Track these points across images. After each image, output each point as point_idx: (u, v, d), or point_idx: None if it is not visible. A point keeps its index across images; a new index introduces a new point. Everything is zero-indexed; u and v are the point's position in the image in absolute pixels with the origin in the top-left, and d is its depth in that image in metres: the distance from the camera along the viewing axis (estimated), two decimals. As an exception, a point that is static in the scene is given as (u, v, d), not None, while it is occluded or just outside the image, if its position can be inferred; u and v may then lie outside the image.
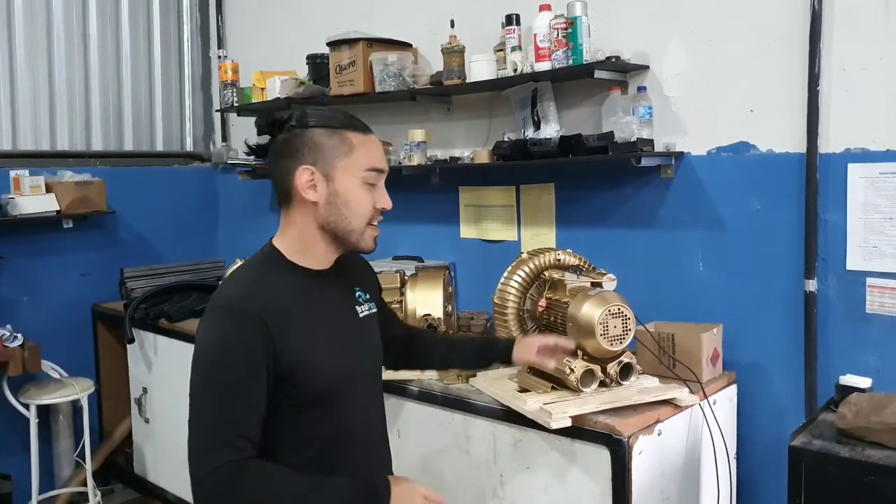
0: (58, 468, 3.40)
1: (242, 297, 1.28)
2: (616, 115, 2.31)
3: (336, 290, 1.41)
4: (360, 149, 1.32)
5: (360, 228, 1.34)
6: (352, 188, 1.32)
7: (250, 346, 1.23)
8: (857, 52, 1.99)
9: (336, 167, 1.31)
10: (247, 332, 1.23)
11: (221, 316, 1.27)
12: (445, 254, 3.01)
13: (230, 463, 1.17)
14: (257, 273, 1.34)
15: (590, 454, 1.80)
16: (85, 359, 3.52)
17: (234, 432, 1.20)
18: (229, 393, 1.21)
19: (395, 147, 2.96)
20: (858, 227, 2.01)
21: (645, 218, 2.43)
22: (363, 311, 1.46)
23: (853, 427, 1.50)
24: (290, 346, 1.26)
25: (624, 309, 1.84)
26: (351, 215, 1.33)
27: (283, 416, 1.29)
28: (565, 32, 2.29)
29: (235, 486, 1.17)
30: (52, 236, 3.39)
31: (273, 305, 1.27)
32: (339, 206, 1.32)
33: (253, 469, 1.20)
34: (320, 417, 1.32)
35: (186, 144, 4.01)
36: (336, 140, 1.31)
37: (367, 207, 1.34)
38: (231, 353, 1.23)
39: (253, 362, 1.23)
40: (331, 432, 1.33)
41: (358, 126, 1.35)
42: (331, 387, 1.32)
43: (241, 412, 1.21)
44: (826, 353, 2.08)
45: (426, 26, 2.92)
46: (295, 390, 1.28)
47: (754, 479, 2.24)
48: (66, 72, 3.50)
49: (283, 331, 1.26)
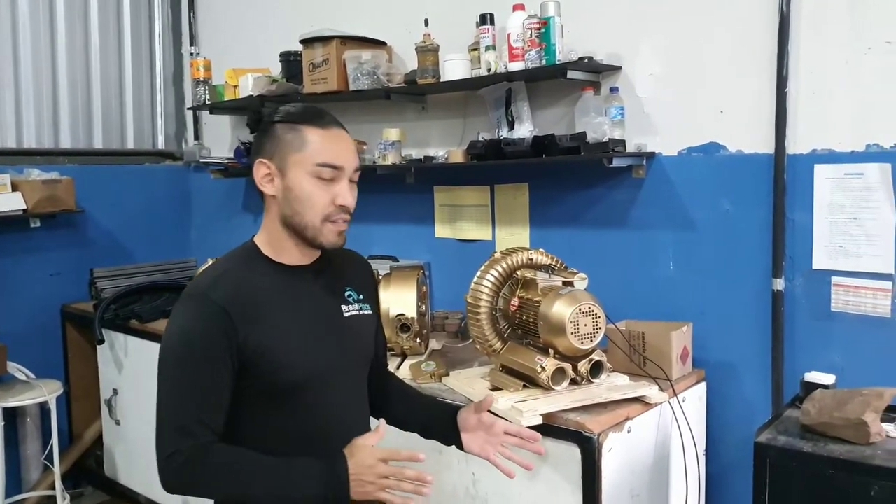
0: (25, 472, 3.34)
1: (208, 287, 1.29)
2: (589, 116, 2.33)
3: (318, 286, 1.39)
4: (315, 143, 1.30)
5: (315, 224, 1.31)
6: (303, 182, 1.30)
7: (210, 334, 1.24)
8: (824, 55, 2.03)
9: (289, 161, 1.31)
10: (207, 320, 1.25)
11: (185, 305, 1.29)
12: (420, 253, 3.01)
13: (189, 448, 1.20)
14: (231, 265, 1.35)
15: (561, 452, 1.81)
16: (53, 360, 3.47)
17: (193, 418, 1.22)
18: (188, 381, 1.24)
19: (369, 146, 2.95)
20: (824, 227, 2.04)
21: (617, 218, 2.46)
22: (350, 311, 1.42)
23: (816, 423, 1.53)
24: (256, 337, 1.27)
25: (594, 308, 1.85)
26: (303, 210, 1.31)
27: (252, 408, 1.30)
28: (538, 32, 2.30)
29: (192, 470, 1.20)
30: (19, 236, 3.33)
31: (240, 296, 1.28)
32: (291, 200, 1.31)
33: (211, 452, 1.21)
34: (290, 412, 1.32)
35: (158, 142, 3.96)
36: (292, 134, 1.31)
37: (321, 202, 1.30)
38: (191, 341, 1.25)
39: (213, 350, 1.24)
40: (302, 429, 1.32)
41: (320, 121, 1.33)
42: (300, 381, 1.32)
43: (201, 399, 1.23)
44: (793, 350, 2.12)
45: (401, 25, 2.92)
46: (260, 381, 1.28)
47: (723, 476, 2.27)
48: (32, 66, 3.42)
49: (248, 321, 1.26)
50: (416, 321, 2.34)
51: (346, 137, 1.36)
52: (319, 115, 1.35)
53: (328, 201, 1.31)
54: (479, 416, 1.47)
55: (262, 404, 1.30)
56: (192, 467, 1.21)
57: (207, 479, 1.22)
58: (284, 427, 1.31)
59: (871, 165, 1.96)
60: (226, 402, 1.26)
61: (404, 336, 2.34)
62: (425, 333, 2.44)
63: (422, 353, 2.41)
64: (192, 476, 1.22)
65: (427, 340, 2.47)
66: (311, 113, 1.34)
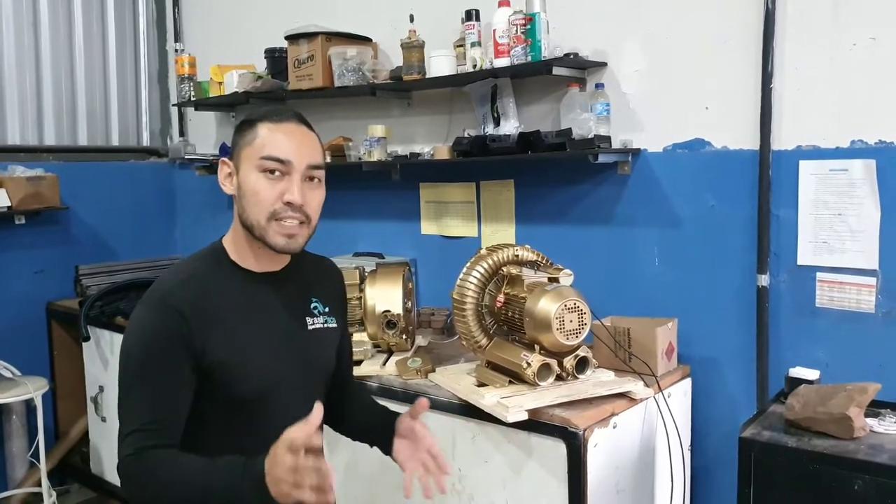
0: (11, 469, 3.32)
1: (169, 291, 1.26)
2: (574, 112, 2.33)
3: (283, 296, 1.35)
4: (264, 137, 1.26)
5: (261, 222, 1.25)
6: (250, 177, 1.26)
7: (168, 340, 1.22)
8: (809, 52, 2.03)
9: (241, 157, 1.28)
10: (166, 326, 1.22)
11: (146, 309, 1.26)
12: (406, 250, 3.00)
13: (133, 455, 1.18)
14: (196, 269, 1.32)
15: (546, 447, 1.81)
16: (39, 357, 3.44)
17: (147, 423, 1.20)
18: (145, 386, 1.22)
19: (354, 142, 2.94)
20: (809, 223, 2.05)
21: (602, 214, 2.46)
22: (314, 324, 1.39)
23: (800, 418, 1.54)
24: (214, 345, 1.24)
25: (580, 304, 1.85)
26: (249, 206, 1.26)
27: (209, 417, 1.27)
28: (524, 29, 2.30)
29: (140, 473, 1.18)
30: (4, 233, 3.30)
31: (201, 303, 1.25)
32: (241, 196, 1.28)
33: (151, 458, 1.18)
34: (246, 423, 1.29)
35: (143, 139, 3.93)
36: (247, 130, 1.29)
37: (265, 198, 1.24)
38: (149, 346, 1.23)
39: (170, 357, 1.22)
40: (256, 440, 1.20)
41: (276, 117, 1.28)
42: (255, 393, 1.29)
43: (156, 404, 1.21)
44: (777, 346, 2.13)
45: (386, 21, 2.90)
46: (217, 391, 1.26)
47: (707, 471, 2.28)
48: (15, 62, 3.39)
49: (207, 330, 1.24)
50: (403, 318, 2.33)
51: (303, 131, 1.29)
52: (280, 111, 1.30)
53: (274, 197, 1.24)
54: (413, 424, 1.40)
55: (219, 414, 1.28)
56: (140, 471, 1.18)
57: (153, 482, 1.18)
58: (240, 437, 1.28)
59: (855, 162, 1.97)
60: (183, 409, 1.23)
61: (390, 332, 2.33)
62: (411, 330, 2.44)
63: (408, 349, 2.41)
64: (139, 480, 1.19)
65: (413, 337, 2.47)
66: (273, 110, 1.30)
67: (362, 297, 2.39)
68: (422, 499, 1.42)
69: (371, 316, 2.35)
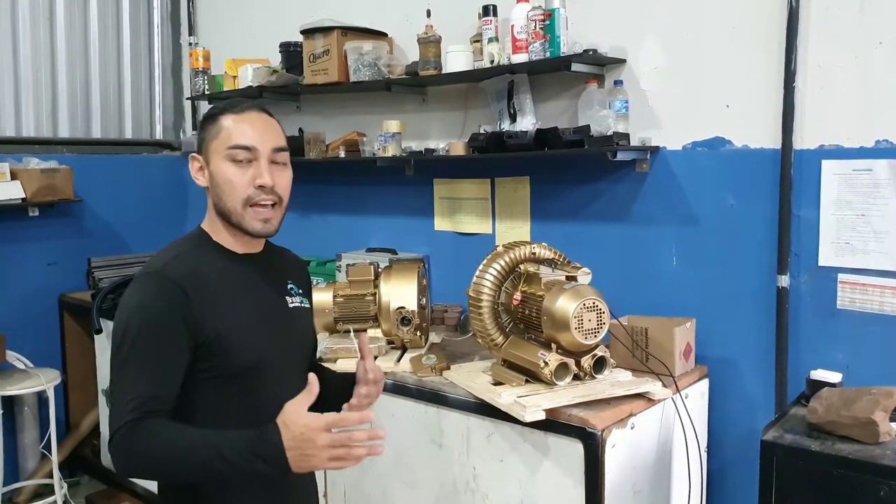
0: (23, 460, 3.33)
1: (164, 266, 1.30)
2: (592, 109, 2.31)
3: (264, 275, 1.41)
4: (228, 129, 1.33)
5: (237, 209, 1.32)
6: (221, 167, 1.33)
7: (168, 311, 1.25)
8: (833, 50, 2.00)
9: (210, 150, 1.35)
10: (165, 298, 1.25)
11: (142, 282, 1.30)
12: (419, 246, 2.99)
13: (129, 423, 1.18)
14: (184, 249, 1.37)
15: (563, 447, 1.80)
16: (51, 349, 3.45)
17: (145, 394, 1.20)
18: (143, 356, 1.23)
19: (369, 138, 2.92)
20: (831, 224, 2.02)
21: (620, 212, 2.43)
22: (293, 303, 1.46)
23: (824, 421, 1.51)
24: (210, 318, 1.27)
25: (599, 303, 1.83)
26: (224, 195, 1.33)
27: (203, 391, 1.29)
28: (543, 24, 2.28)
29: (132, 444, 1.18)
30: (18, 224, 3.31)
31: (195, 278, 1.29)
32: (214, 187, 1.35)
33: (148, 426, 1.19)
34: (240, 396, 1.32)
35: (156, 132, 3.93)
36: (212, 125, 1.35)
37: (239, 185, 1.32)
38: (148, 317, 1.25)
39: (170, 327, 1.24)
40: (251, 413, 1.29)
41: (236, 108, 1.35)
42: (251, 365, 1.32)
43: (154, 375, 1.23)
44: (797, 348, 2.10)
45: (402, 16, 2.89)
46: (212, 363, 1.28)
47: (724, 473, 2.26)
48: (31, 56, 3.40)
49: (203, 303, 1.27)
50: (417, 314, 2.32)
51: (264, 119, 1.37)
52: (239, 103, 1.37)
53: (246, 183, 1.32)
54: (364, 363, 1.46)
55: (213, 387, 1.30)
56: (133, 442, 1.18)
57: (146, 454, 1.18)
58: (234, 411, 1.31)
59: (879, 161, 1.94)
60: (178, 380, 1.26)
61: (405, 329, 2.32)
62: (425, 327, 2.42)
63: (422, 346, 2.39)
64: (132, 451, 1.18)
65: (427, 334, 2.45)
66: (233, 103, 1.38)
67: (376, 294, 2.38)
68: (430, 494, 1.41)
69: (385, 312, 2.34)
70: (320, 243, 3.23)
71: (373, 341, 2.32)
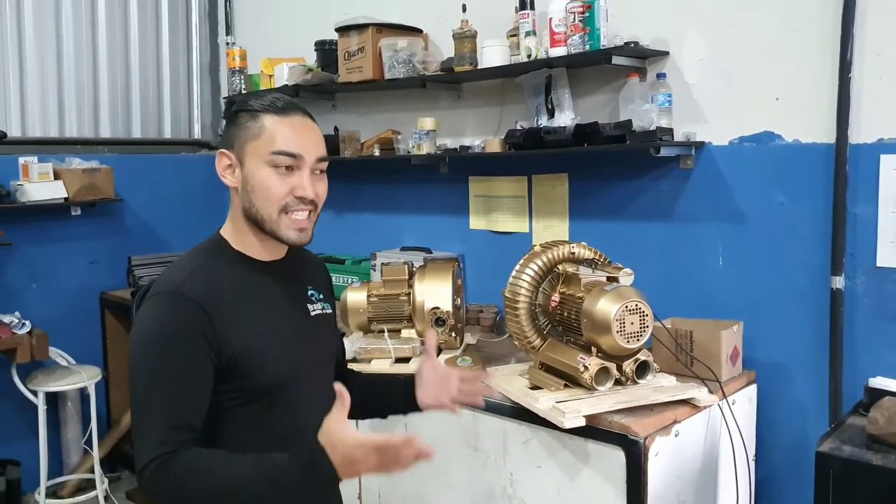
0: (66, 455, 3.40)
1: (180, 283, 1.22)
2: (634, 103, 2.23)
3: (285, 284, 1.35)
4: (271, 131, 1.24)
5: (272, 217, 1.25)
6: (258, 172, 1.24)
7: (188, 332, 1.18)
8: (893, 38, 1.89)
9: (246, 151, 1.26)
10: (184, 318, 1.19)
11: (159, 302, 1.22)
12: (454, 245, 2.95)
13: (164, 456, 1.12)
14: (201, 261, 1.29)
15: (604, 455, 1.74)
16: (93, 346, 3.50)
17: (170, 423, 1.14)
18: (165, 382, 1.16)
19: (403, 135, 2.89)
20: (890, 222, 1.91)
21: (662, 210, 2.35)
22: (315, 310, 1.39)
23: (886, 433, 1.42)
24: (233, 337, 1.21)
25: (642, 305, 1.76)
26: (258, 201, 1.25)
27: (227, 410, 1.24)
28: (582, 17, 2.21)
29: (168, 477, 1.12)
30: (60, 223, 3.37)
31: (215, 293, 1.22)
32: (248, 191, 1.26)
33: (187, 456, 1.13)
34: (266, 413, 1.26)
35: (194, 132, 3.96)
36: (250, 123, 1.26)
37: (276, 193, 1.24)
38: (167, 340, 1.18)
39: (191, 349, 1.18)
40: (278, 430, 1.26)
41: (280, 109, 1.26)
42: (275, 381, 1.27)
43: (178, 402, 1.16)
44: (853, 353, 2.00)
45: (437, 11, 2.85)
46: (237, 382, 1.23)
47: (773, 482, 2.16)
48: (74, 58, 3.47)
49: (224, 321, 1.21)
50: (452, 315, 2.28)
51: (310, 125, 1.29)
52: (283, 103, 1.28)
53: (285, 192, 1.24)
54: (433, 363, 1.43)
55: (238, 405, 1.24)
56: (170, 476, 1.12)
57: (184, 484, 1.13)
58: (260, 428, 1.26)
59: (943, 156, 1.83)
60: (205, 404, 1.20)
61: (439, 330, 2.27)
62: (460, 327, 2.38)
63: (457, 347, 2.35)
64: (169, 483, 1.13)
65: (462, 334, 2.41)
66: (274, 101, 1.28)
67: (411, 293, 2.34)
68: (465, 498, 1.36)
69: (420, 312, 2.30)
70: (355, 242, 3.21)
71: (407, 342, 2.29)
